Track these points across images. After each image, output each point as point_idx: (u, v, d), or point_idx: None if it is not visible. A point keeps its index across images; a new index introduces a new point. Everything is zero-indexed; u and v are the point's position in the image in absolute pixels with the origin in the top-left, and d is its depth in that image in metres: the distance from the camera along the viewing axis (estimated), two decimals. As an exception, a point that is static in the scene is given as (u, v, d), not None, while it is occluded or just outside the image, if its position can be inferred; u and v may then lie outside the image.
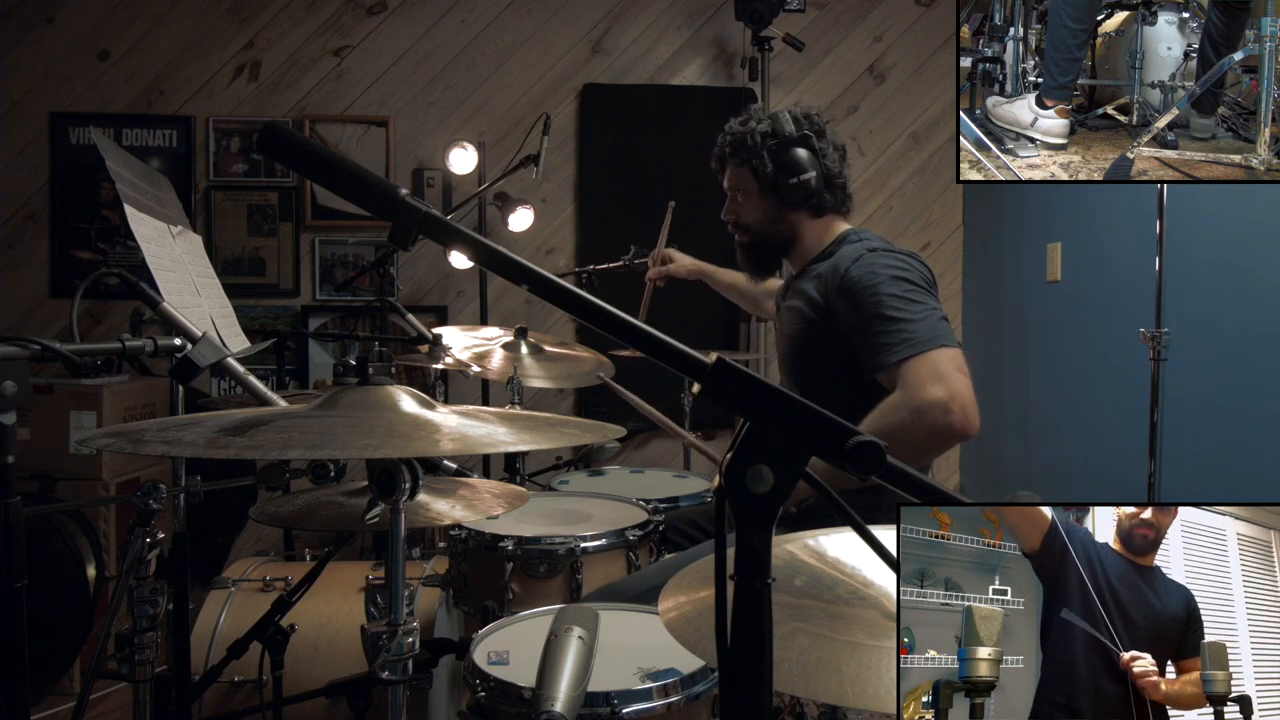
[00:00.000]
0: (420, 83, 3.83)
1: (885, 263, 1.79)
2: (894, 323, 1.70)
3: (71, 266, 3.73)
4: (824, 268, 1.90)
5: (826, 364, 1.87)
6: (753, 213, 1.99)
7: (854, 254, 1.83)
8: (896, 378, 1.67)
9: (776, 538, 0.69)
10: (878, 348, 1.70)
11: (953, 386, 1.64)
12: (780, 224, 1.98)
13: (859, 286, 1.77)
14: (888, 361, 1.68)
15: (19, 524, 1.13)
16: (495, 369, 2.44)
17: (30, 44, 3.70)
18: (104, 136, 3.58)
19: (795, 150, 1.92)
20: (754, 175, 1.95)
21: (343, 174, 0.70)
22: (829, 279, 1.85)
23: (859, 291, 1.76)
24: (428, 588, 2.04)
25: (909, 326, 1.70)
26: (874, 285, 1.75)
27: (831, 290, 1.83)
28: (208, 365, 1.29)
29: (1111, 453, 2.79)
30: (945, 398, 1.62)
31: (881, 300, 1.73)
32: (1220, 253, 2.32)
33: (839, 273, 1.82)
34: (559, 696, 1.09)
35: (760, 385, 0.63)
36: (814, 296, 1.89)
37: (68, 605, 2.74)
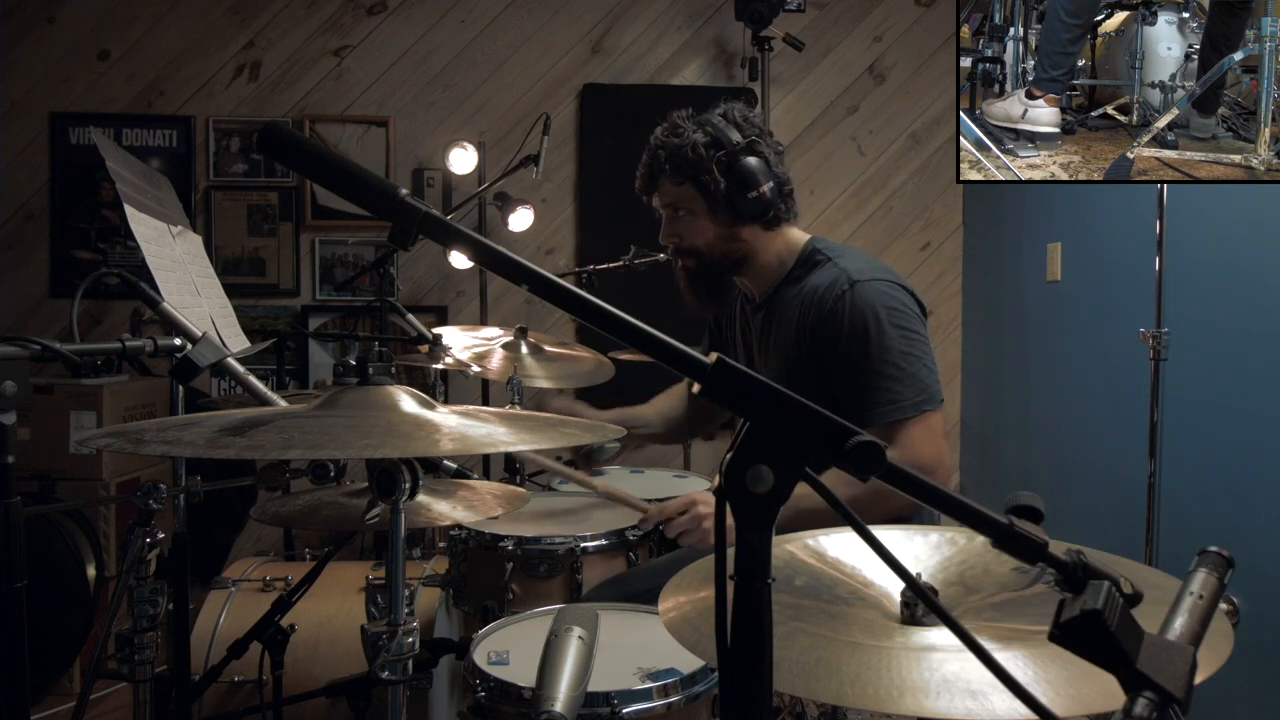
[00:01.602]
0: (420, 83, 3.83)
1: (875, 301, 1.67)
2: (890, 379, 1.63)
3: (71, 266, 3.73)
4: (798, 297, 1.77)
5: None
6: (701, 234, 1.80)
7: (835, 286, 1.70)
8: (888, 436, 1.62)
9: (776, 537, 0.69)
10: (870, 403, 1.64)
11: (942, 454, 1.65)
12: (733, 243, 1.80)
13: (850, 331, 1.66)
14: (883, 420, 1.63)
15: (19, 524, 1.13)
16: (495, 369, 2.44)
17: (30, 44, 3.70)
18: (104, 136, 3.58)
19: (745, 160, 1.74)
20: (700, 192, 1.76)
21: (343, 174, 0.70)
22: (810, 317, 1.72)
23: (850, 337, 1.66)
24: (428, 588, 2.04)
25: (906, 382, 1.63)
26: (865, 332, 1.65)
27: (813, 330, 1.72)
28: (208, 365, 1.29)
29: (1111, 453, 2.79)
30: (934, 464, 1.63)
31: (877, 351, 1.64)
32: (1220, 253, 2.32)
33: (822, 311, 1.70)
34: (559, 696, 1.09)
35: (760, 385, 0.63)
36: (791, 336, 1.76)
37: (68, 605, 2.73)
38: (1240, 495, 2.24)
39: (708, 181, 1.74)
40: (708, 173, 1.74)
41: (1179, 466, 2.35)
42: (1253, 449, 2.20)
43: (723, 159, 1.74)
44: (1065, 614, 0.57)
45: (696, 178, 1.76)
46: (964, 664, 0.82)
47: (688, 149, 1.75)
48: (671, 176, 1.78)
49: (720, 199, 1.75)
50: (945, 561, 1.09)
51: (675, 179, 1.78)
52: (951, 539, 1.12)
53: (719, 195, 1.75)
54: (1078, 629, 0.57)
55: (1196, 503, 2.36)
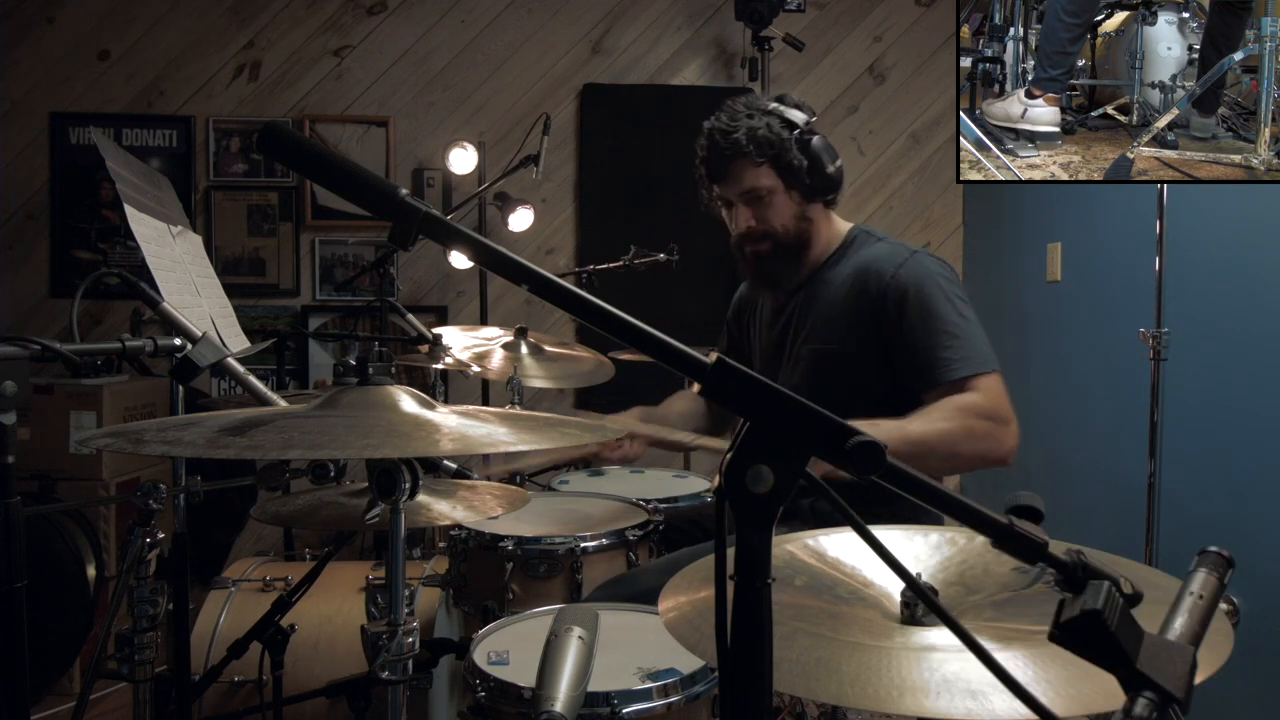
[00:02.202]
0: (420, 83, 3.83)
1: (936, 270, 1.74)
2: (961, 338, 1.67)
3: (71, 266, 3.73)
4: (848, 272, 1.81)
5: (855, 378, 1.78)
6: (779, 214, 1.83)
7: (894, 254, 1.77)
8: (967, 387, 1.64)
9: (776, 537, 0.69)
10: (944, 361, 1.66)
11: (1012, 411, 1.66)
12: (804, 222, 1.85)
13: (917, 292, 1.70)
14: (960, 373, 1.65)
15: (19, 524, 1.13)
16: (495, 369, 2.44)
17: (30, 44, 3.70)
18: (104, 136, 3.58)
19: (815, 139, 1.81)
20: (781, 172, 1.80)
21: (343, 174, 0.70)
22: (868, 282, 1.76)
23: (918, 297, 1.70)
24: (428, 588, 2.04)
25: (975, 342, 1.68)
26: (932, 294, 1.70)
27: (875, 294, 1.74)
28: (208, 365, 1.29)
29: (1111, 453, 2.79)
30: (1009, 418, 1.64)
31: (947, 311, 1.69)
32: (1220, 253, 2.32)
33: (885, 277, 1.73)
34: (559, 696, 1.09)
35: (760, 385, 0.63)
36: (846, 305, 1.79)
37: (68, 605, 2.73)
38: (1240, 495, 2.24)
39: (790, 159, 1.78)
40: (789, 150, 1.78)
41: (1179, 466, 2.35)
42: (1253, 449, 2.20)
43: (799, 138, 1.79)
44: (1065, 614, 0.57)
45: (778, 156, 1.78)
46: (964, 664, 0.82)
47: (764, 129, 1.77)
48: (755, 157, 1.79)
49: (800, 177, 1.80)
50: (945, 561, 1.09)
51: (756, 159, 1.79)
52: (951, 539, 1.13)
53: (798, 173, 1.79)
54: (1078, 629, 0.57)
55: (1196, 503, 2.35)
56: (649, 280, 3.01)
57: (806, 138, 1.80)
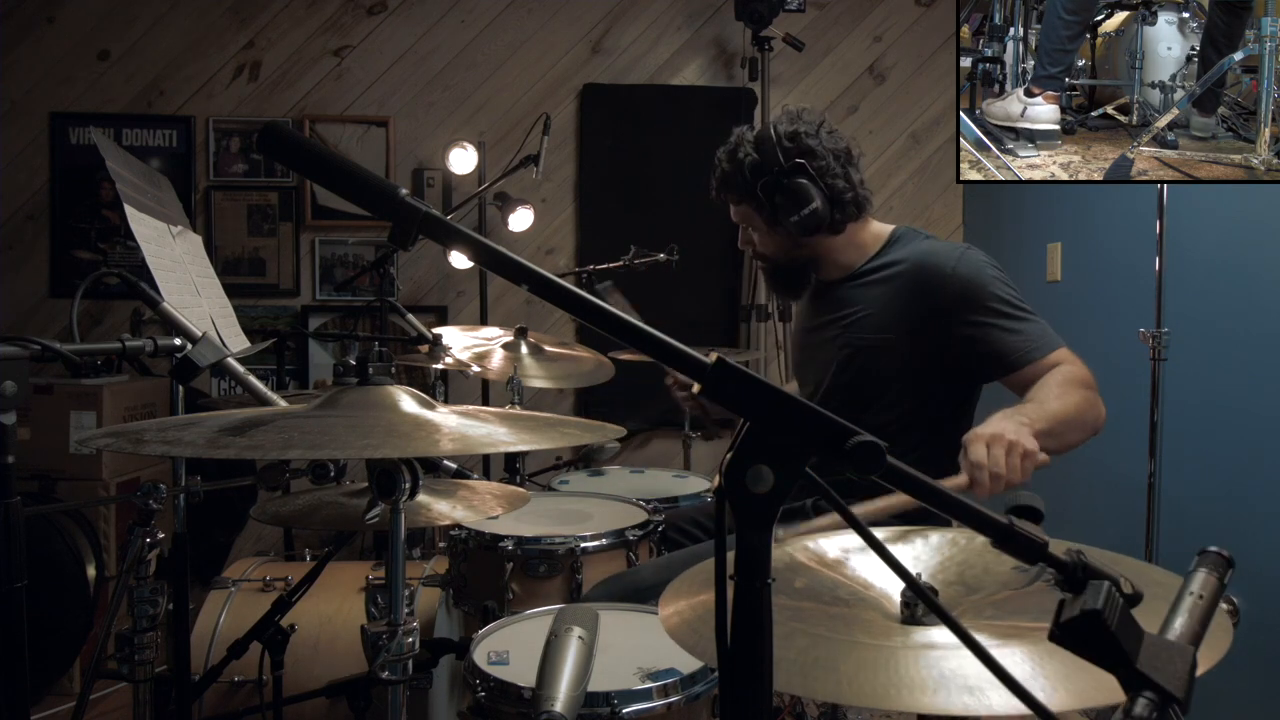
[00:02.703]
0: (420, 83, 3.83)
1: (989, 261, 1.78)
2: (1028, 320, 1.71)
3: (71, 266, 3.73)
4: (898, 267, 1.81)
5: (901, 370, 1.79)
6: (767, 244, 1.89)
7: (950, 250, 1.78)
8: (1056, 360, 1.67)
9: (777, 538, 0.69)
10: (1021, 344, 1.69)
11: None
12: (800, 249, 1.87)
13: (980, 286, 1.72)
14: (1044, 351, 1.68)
15: (19, 524, 1.13)
16: (495, 369, 2.44)
17: (30, 44, 3.70)
18: (104, 136, 3.58)
19: (792, 181, 1.77)
20: (756, 210, 1.84)
21: (343, 174, 0.70)
22: (922, 277, 1.76)
23: (982, 290, 1.72)
24: (428, 588, 2.04)
25: (1041, 322, 1.73)
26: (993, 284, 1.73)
27: (931, 289, 1.74)
28: (208, 365, 1.29)
29: (1111, 453, 2.79)
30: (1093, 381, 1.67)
31: (1011, 298, 1.73)
32: (1220, 253, 2.32)
33: (945, 271, 1.74)
34: (559, 696, 1.09)
35: (760, 385, 0.63)
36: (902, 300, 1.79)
37: (68, 605, 2.73)
38: (1240, 495, 2.24)
39: (759, 205, 1.83)
40: (755, 199, 1.82)
41: (1179, 466, 2.35)
42: (1253, 449, 2.20)
43: (766, 184, 1.80)
44: (1065, 614, 0.57)
45: (749, 197, 1.84)
46: (961, 660, 0.82)
47: (736, 175, 1.83)
48: (731, 196, 1.89)
49: (779, 215, 1.81)
50: (945, 561, 1.09)
51: (734, 198, 1.89)
52: (952, 539, 1.13)
53: (771, 217, 1.83)
54: (1078, 629, 0.57)
55: (1196, 503, 2.35)
56: (649, 280, 3.02)
57: (778, 181, 1.78)
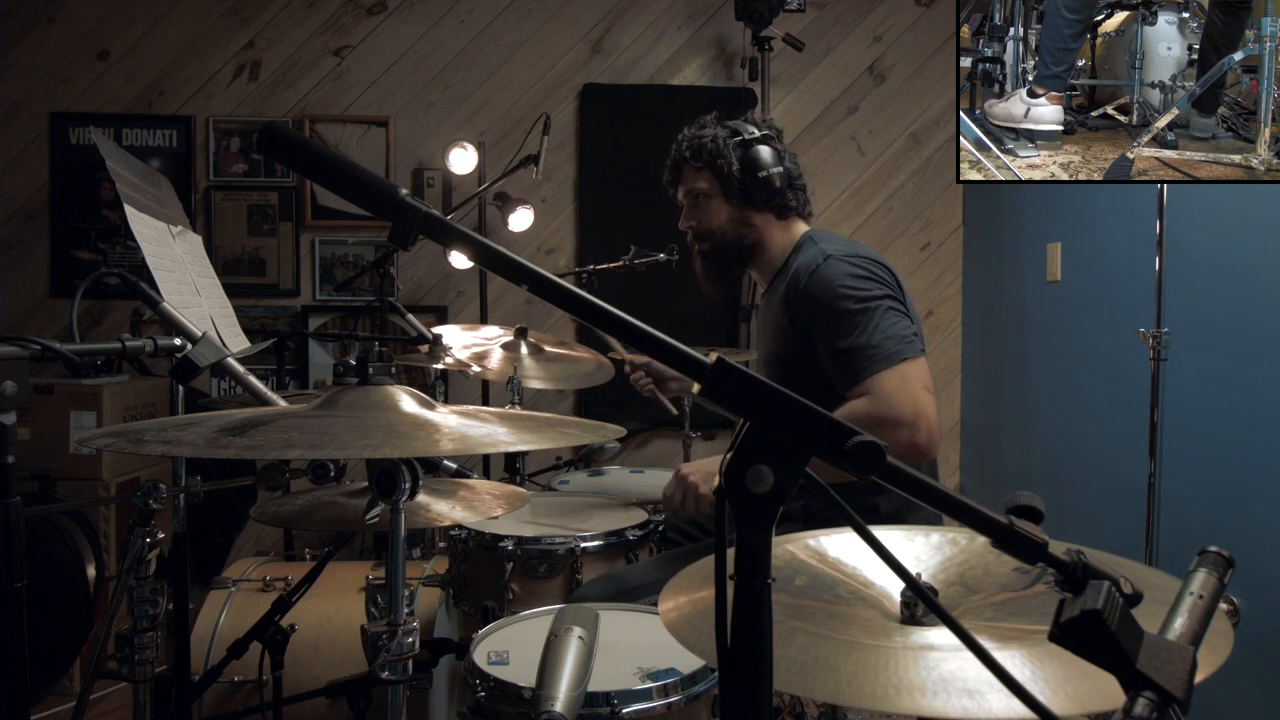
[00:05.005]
0: (420, 83, 3.83)
1: (843, 271, 1.76)
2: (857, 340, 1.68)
3: (71, 266, 3.73)
4: (785, 282, 1.87)
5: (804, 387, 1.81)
6: (715, 215, 1.96)
7: (810, 263, 1.81)
8: (863, 392, 1.66)
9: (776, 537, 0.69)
10: (846, 367, 1.69)
11: (920, 404, 1.62)
12: (745, 227, 1.95)
13: (820, 300, 1.74)
14: (858, 379, 1.67)
15: (19, 524, 1.13)
16: (495, 369, 2.44)
17: (30, 44, 3.70)
18: (104, 136, 3.58)
19: (758, 147, 1.91)
20: (716, 176, 1.93)
21: (343, 174, 0.70)
22: (792, 296, 1.82)
23: (821, 306, 1.74)
24: (428, 588, 2.04)
25: (875, 340, 1.67)
26: (833, 298, 1.72)
27: (795, 307, 1.81)
28: (208, 365, 1.29)
29: (1111, 453, 2.79)
30: (912, 415, 1.61)
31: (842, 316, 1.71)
32: (1220, 253, 2.32)
33: (799, 288, 1.80)
34: (559, 696, 1.09)
35: (760, 385, 0.63)
36: (781, 315, 1.86)
37: (68, 605, 2.73)
38: (1240, 495, 2.24)
39: (722, 165, 1.92)
40: (722, 156, 1.92)
41: (1179, 466, 2.35)
42: (1253, 449, 2.20)
43: (737, 145, 1.92)
44: (1065, 614, 0.57)
45: (712, 162, 1.93)
46: (961, 663, 0.82)
47: (707, 139, 1.94)
48: (692, 163, 1.96)
49: (733, 182, 1.92)
50: (945, 561, 1.09)
51: (695, 165, 1.96)
52: (952, 539, 1.12)
53: (732, 178, 1.91)
54: (1078, 629, 0.57)
55: (1196, 503, 2.35)
56: (649, 280, 3.02)
57: (746, 146, 1.91)
